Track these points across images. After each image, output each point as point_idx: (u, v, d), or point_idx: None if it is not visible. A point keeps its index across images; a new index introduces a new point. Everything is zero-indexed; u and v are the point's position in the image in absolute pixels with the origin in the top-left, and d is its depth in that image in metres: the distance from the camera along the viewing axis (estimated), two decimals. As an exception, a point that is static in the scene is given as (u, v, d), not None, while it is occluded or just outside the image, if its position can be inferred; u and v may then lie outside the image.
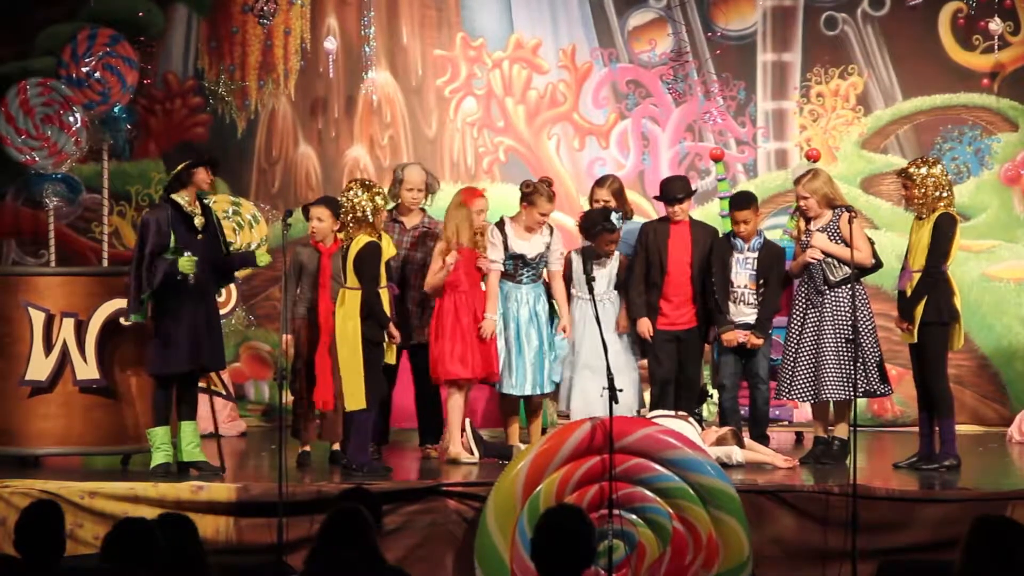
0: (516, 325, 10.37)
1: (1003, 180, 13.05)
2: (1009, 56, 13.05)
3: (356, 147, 13.32)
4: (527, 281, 10.44)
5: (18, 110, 11.86)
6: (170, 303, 9.63)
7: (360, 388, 9.62)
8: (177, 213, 9.71)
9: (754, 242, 10.46)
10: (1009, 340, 12.92)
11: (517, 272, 10.42)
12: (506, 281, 10.42)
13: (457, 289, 10.23)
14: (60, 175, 12.06)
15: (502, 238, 10.36)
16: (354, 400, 9.65)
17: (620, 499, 8.60)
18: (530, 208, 10.36)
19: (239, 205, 12.66)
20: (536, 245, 10.41)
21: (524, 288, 10.42)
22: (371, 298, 9.66)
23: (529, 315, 10.39)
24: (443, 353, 10.14)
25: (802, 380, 10.14)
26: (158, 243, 9.58)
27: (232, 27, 13.32)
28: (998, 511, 8.82)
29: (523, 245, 10.39)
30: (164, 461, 9.76)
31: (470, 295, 10.25)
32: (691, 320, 10.58)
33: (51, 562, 6.12)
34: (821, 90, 13.16)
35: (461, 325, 10.18)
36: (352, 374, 9.63)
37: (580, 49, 13.30)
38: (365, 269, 9.63)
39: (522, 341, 10.35)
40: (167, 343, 9.66)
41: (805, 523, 9.14)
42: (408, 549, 9.12)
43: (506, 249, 10.36)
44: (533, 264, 10.42)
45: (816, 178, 10.24)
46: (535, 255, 10.40)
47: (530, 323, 10.38)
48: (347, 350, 9.65)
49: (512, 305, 10.39)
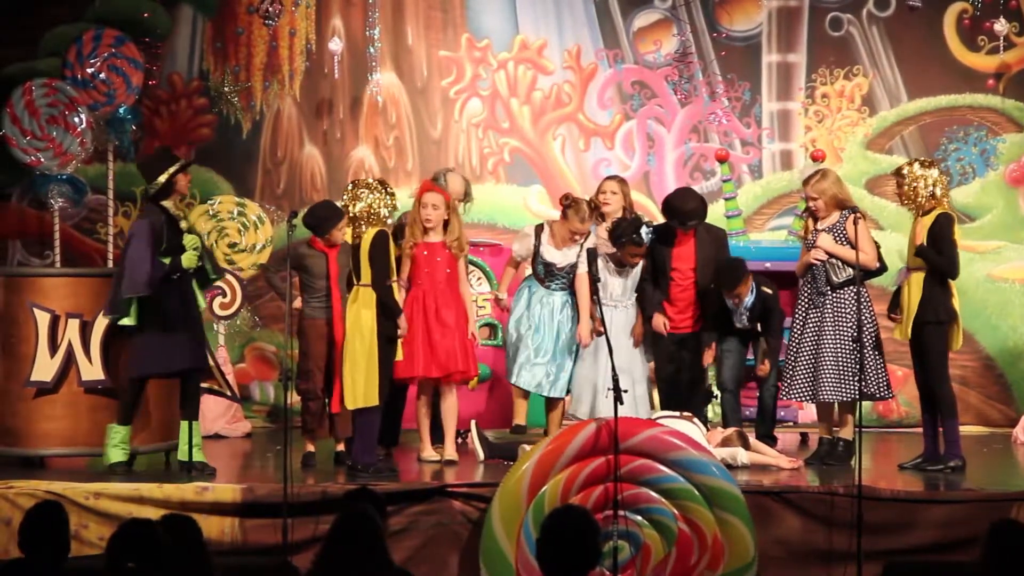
0: (537, 322, 10.42)
1: (1008, 181, 13.05)
2: (1014, 57, 13.05)
3: (361, 148, 13.32)
4: (556, 288, 10.50)
5: (23, 111, 11.86)
6: (155, 306, 9.64)
7: (372, 385, 9.61)
8: (167, 218, 9.76)
9: (747, 300, 10.53)
10: (1014, 341, 12.92)
11: (547, 279, 10.49)
12: (537, 284, 10.49)
13: (418, 286, 10.21)
14: (65, 176, 12.07)
15: (534, 240, 10.45)
16: (364, 397, 9.64)
17: (625, 500, 8.60)
18: (563, 222, 10.43)
19: (244, 206, 12.68)
20: (567, 256, 10.46)
21: (555, 296, 10.48)
22: (382, 288, 9.69)
23: (551, 317, 10.44)
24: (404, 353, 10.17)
25: (801, 380, 10.15)
26: (156, 246, 9.61)
27: (237, 28, 13.32)
28: (1003, 512, 8.85)
29: (554, 254, 10.46)
30: (120, 460, 9.81)
31: (430, 293, 10.24)
32: (695, 323, 10.61)
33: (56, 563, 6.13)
34: (826, 91, 13.15)
35: (414, 324, 10.14)
36: (363, 370, 9.61)
37: (585, 50, 13.30)
38: (377, 256, 9.65)
39: (542, 341, 10.39)
40: (151, 345, 9.67)
41: (810, 524, 9.14)
42: (413, 550, 9.12)
43: (537, 254, 10.44)
44: (562, 275, 10.47)
45: (824, 179, 10.25)
46: (564, 265, 10.45)
47: (551, 325, 10.43)
48: (360, 345, 9.64)
49: (534, 306, 10.46)
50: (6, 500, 9.17)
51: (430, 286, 10.21)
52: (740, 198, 12.56)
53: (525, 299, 10.55)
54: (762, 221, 13.12)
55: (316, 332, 10.18)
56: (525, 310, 10.51)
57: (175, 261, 9.67)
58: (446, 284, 10.25)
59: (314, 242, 10.24)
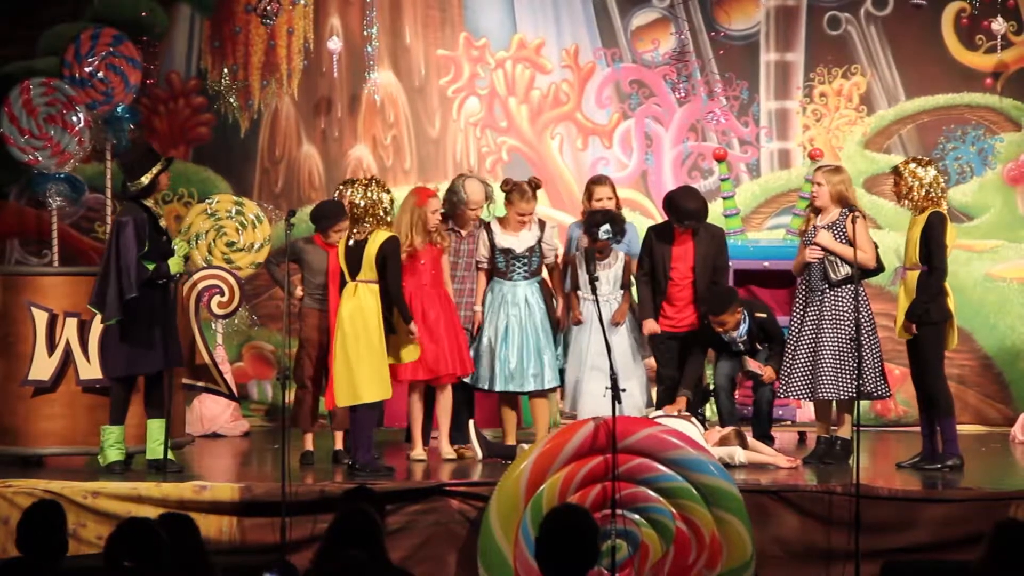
0: (505, 323, 10.39)
1: (1006, 180, 13.05)
2: (1012, 56, 13.05)
3: (359, 147, 13.32)
4: (519, 277, 10.47)
5: (21, 110, 11.87)
6: (135, 305, 9.63)
7: (381, 377, 9.61)
8: (149, 217, 9.75)
9: (741, 330, 10.53)
10: (1012, 340, 12.92)
11: (509, 268, 10.46)
12: (499, 280, 10.47)
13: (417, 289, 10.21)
14: (63, 175, 12.07)
15: (488, 236, 10.43)
16: (369, 392, 9.63)
17: (623, 499, 8.60)
18: (509, 207, 10.45)
19: (242, 205, 12.67)
20: (525, 240, 10.46)
21: (519, 285, 10.45)
22: (399, 293, 9.70)
23: (520, 313, 10.41)
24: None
25: (799, 378, 10.15)
26: (140, 246, 9.60)
27: (235, 27, 13.32)
28: (1001, 511, 8.85)
29: (510, 240, 10.45)
30: (117, 459, 9.79)
31: (416, 295, 10.20)
32: (693, 322, 10.61)
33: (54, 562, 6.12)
34: (824, 90, 13.15)
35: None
36: (369, 367, 9.60)
37: (583, 49, 13.29)
38: (391, 263, 9.66)
39: (509, 338, 10.37)
40: (134, 345, 9.66)
41: (808, 523, 9.14)
42: (411, 549, 9.12)
43: (494, 246, 10.40)
44: (524, 258, 10.45)
45: (837, 172, 10.28)
46: (524, 249, 10.44)
47: (521, 320, 10.40)
48: (365, 344, 9.62)
49: (503, 305, 10.42)
50: (4, 499, 9.17)
51: (416, 288, 10.20)
52: (738, 197, 12.56)
53: (490, 304, 10.50)
54: (760, 220, 13.12)
55: (312, 322, 10.27)
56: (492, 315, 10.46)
57: (162, 266, 9.66)
58: (431, 285, 10.26)
59: (316, 238, 10.31)
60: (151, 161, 9.80)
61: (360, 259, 9.70)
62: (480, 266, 10.55)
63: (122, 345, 9.70)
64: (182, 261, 9.79)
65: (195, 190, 13.15)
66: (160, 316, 9.71)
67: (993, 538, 5.47)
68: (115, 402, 9.84)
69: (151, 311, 9.67)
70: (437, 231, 10.24)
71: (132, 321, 9.63)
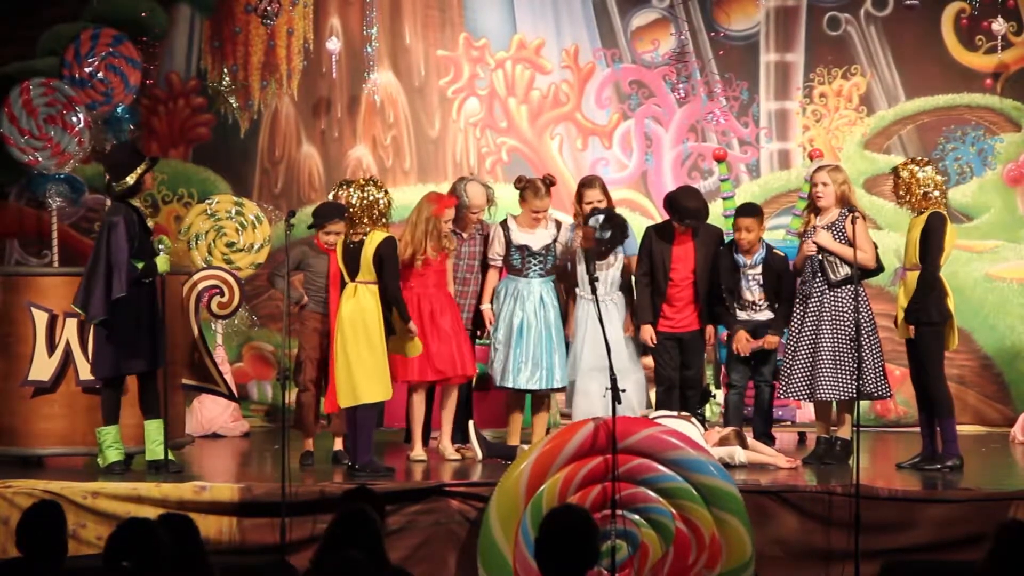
0: (521, 320, 10.39)
1: (1006, 180, 13.05)
2: (1012, 56, 13.05)
3: (359, 147, 13.33)
4: (535, 275, 10.48)
5: (21, 110, 11.87)
6: (125, 305, 9.63)
7: (381, 378, 9.61)
8: (138, 217, 9.75)
9: (756, 256, 10.46)
10: (1012, 340, 12.92)
11: (524, 265, 10.48)
12: (514, 277, 10.47)
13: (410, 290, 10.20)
14: (63, 175, 12.08)
15: (504, 234, 10.42)
16: (369, 393, 9.63)
17: (623, 499, 8.59)
18: (523, 204, 10.45)
19: (242, 205, 12.68)
20: (541, 237, 10.47)
21: (533, 282, 10.45)
22: (397, 293, 9.70)
23: (535, 309, 10.42)
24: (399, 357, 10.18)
25: (798, 378, 10.16)
26: (131, 246, 9.60)
27: (235, 27, 13.32)
28: (1001, 512, 8.85)
29: (527, 237, 10.46)
30: (117, 459, 9.79)
31: (424, 297, 10.21)
32: (693, 322, 10.59)
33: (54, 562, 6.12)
34: (824, 90, 13.16)
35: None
36: (369, 368, 9.60)
37: (583, 49, 13.30)
38: (388, 264, 9.66)
39: (525, 335, 10.37)
40: (121, 345, 9.66)
41: (808, 523, 9.14)
42: (411, 549, 9.12)
43: (510, 243, 10.41)
44: (540, 256, 10.46)
45: (839, 171, 10.30)
46: (541, 247, 10.44)
47: (537, 316, 10.40)
48: (365, 344, 9.62)
49: (518, 301, 10.42)
50: (4, 499, 9.17)
51: (423, 290, 10.22)
52: (738, 197, 12.55)
53: (504, 300, 10.49)
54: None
55: (312, 324, 10.29)
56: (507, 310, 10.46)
57: (150, 265, 9.66)
58: (435, 287, 10.27)
59: (317, 242, 10.31)
60: (135, 161, 9.78)
61: (358, 260, 9.71)
62: (492, 263, 10.53)
63: (109, 345, 9.69)
64: (168, 260, 9.77)
65: (195, 190, 13.16)
66: (147, 316, 9.71)
67: (996, 539, 5.47)
68: (106, 403, 9.83)
69: (138, 311, 9.67)
70: (447, 236, 10.27)
71: (119, 321, 9.63)
